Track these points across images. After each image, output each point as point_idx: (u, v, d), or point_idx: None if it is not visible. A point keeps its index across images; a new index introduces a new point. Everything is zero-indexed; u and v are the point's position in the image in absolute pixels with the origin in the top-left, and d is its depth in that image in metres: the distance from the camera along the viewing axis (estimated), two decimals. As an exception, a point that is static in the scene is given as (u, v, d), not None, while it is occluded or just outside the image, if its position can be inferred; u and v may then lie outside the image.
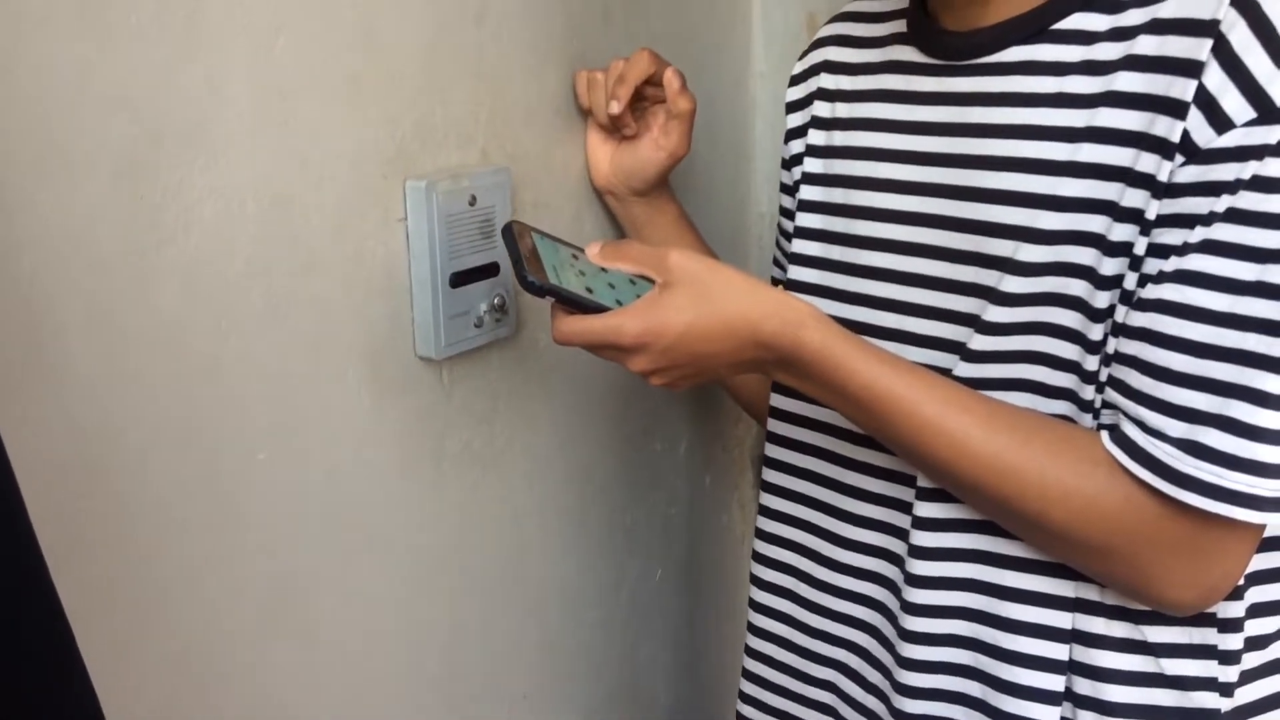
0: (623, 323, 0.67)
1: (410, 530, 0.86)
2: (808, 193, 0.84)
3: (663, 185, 0.96)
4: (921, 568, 0.74)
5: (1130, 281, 0.63)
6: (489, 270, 0.86)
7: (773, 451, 0.87)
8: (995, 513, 0.70)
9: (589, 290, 0.68)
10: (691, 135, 0.92)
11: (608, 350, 0.69)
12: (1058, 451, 0.65)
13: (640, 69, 0.88)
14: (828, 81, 0.85)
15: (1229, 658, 0.69)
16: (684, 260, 0.68)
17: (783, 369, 0.69)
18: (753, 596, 0.90)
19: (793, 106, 0.89)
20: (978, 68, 0.71)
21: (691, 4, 1.09)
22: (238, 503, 0.73)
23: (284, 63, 0.70)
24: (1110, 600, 0.69)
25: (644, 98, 0.91)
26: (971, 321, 0.71)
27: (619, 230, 1.01)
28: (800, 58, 0.90)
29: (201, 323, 0.69)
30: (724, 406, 1.23)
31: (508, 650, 0.98)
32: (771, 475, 0.87)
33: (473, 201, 0.83)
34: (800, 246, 0.84)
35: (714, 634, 1.29)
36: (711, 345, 0.67)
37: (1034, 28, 0.68)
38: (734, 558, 1.31)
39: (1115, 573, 0.66)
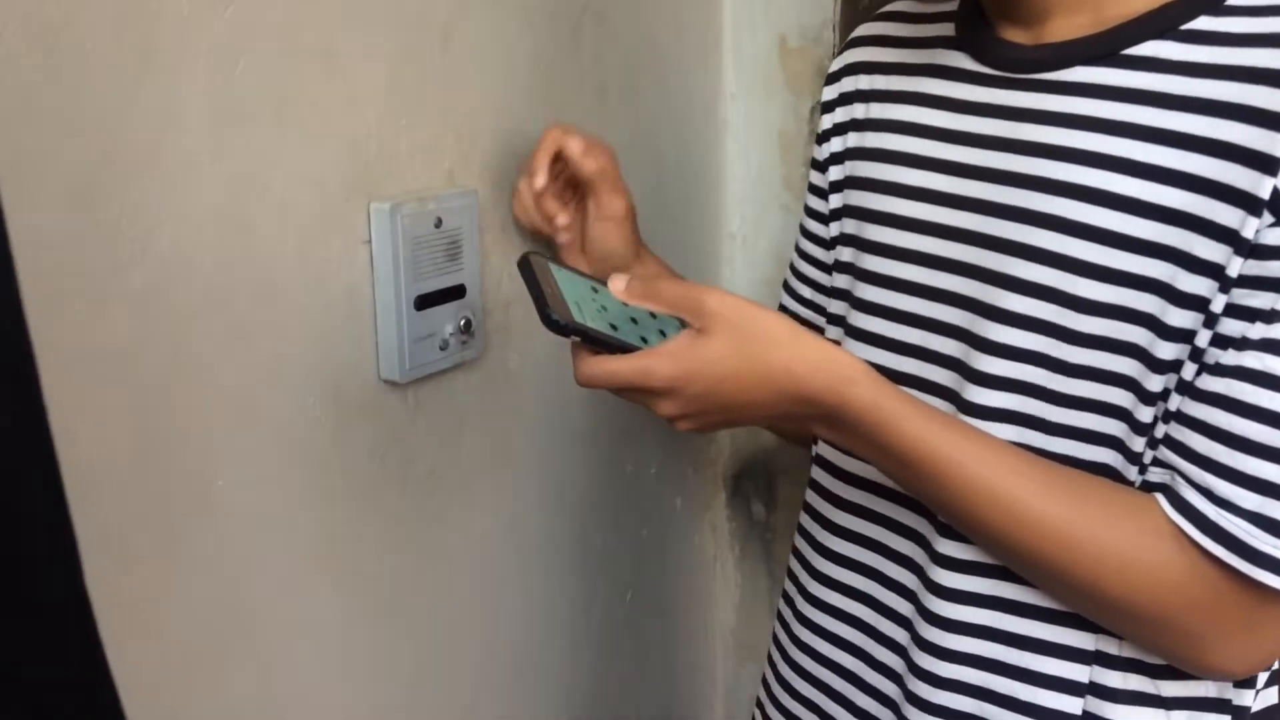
0: (653, 366, 0.63)
1: (375, 556, 0.85)
2: (838, 200, 0.82)
3: (642, 250, 0.92)
4: (938, 606, 0.71)
5: (1203, 339, 0.60)
6: (455, 292, 0.85)
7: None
8: (1045, 580, 0.66)
9: (613, 328, 0.64)
10: (622, 185, 0.88)
11: (635, 393, 0.65)
12: (1116, 519, 0.62)
13: (548, 144, 0.84)
14: (863, 83, 0.82)
15: (1241, 713, 0.67)
16: (722, 304, 0.64)
17: (824, 424, 0.66)
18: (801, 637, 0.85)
19: (825, 108, 0.86)
20: (1038, 84, 0.68)
21: (661, 26, 1.09)
22: (195, 531, 0.71)
23: (244, 86, 0.70)
24: (1127, 653, 0.67)
25: (573, 184, 0.88)
26: (1006, 349, 0.67)
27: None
28: (835, 56, 0.87)
29: (158, 348, 0.68)
30: (695, 427, 1.23)
31: (476, 674, 0.97)
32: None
33: (439, 224, 0.83)
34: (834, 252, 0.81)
35: (685, 656, 1.28)
36: (748, 395, 0.64)
37: (1104, 50, 0.65)
38: (705, 579, 1.30)
39: (1165, 641, 0.64)
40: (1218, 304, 0.60)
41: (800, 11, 1.14)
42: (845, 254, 0.80)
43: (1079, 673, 0.67)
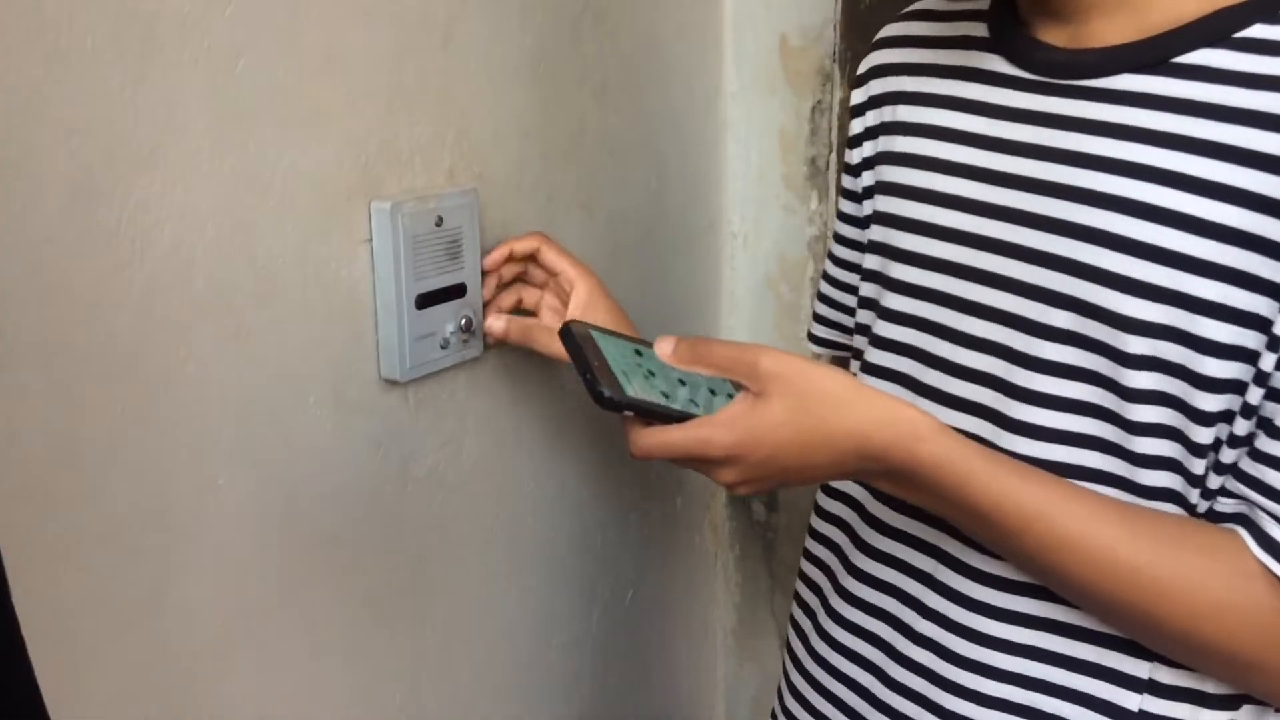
0: (711, 435, 0.61)
1: (374, 555, 0.85)
2: (869, 207, 0.79)
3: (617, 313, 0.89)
4: (982, 624, 0.69)
5: (1268, 362, 0.58)
6: (455, 291, 0.85)
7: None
8: (1133, 627, 0.64)
9: (665, 396, 0.62)
10: (567, 258, 0.87)
11: (693, 462, 0.62)
12: (1205, 563, 0.60)
13: (496, 258, 0.86)
14: (891, 85, 0.79)
15: None
16: (778, 365, 0.61)
17: (890, 479, 0.64)
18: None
19: (856, 111, 0.83)
20: (1081, 90, 0.65)
21: (662, 24, 1.09)
22: (195, 530, 0.71)
23: (244, 85, 0.70)
24: (1181, 683, 0.65)
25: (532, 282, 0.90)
26: (1053, 366, 0.64)
27: (592, 248, 1.01)
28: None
29: (159, 347, 0.68)
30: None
31: (476, 674, 0.97)
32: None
33: (439, 222, 0.83)
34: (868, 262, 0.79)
35: (686, 655, 1.28)
36: (811, 458, 0.62)
37: (1153, 57, 0.62)
38: (706, 579, 1.30)
39: (1256, 680, 0.62)
40: None
41: (801, 10, 1.14)
42: (872, 261, 0.77)
43: (1129, 699, 0.66)
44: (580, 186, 1.00)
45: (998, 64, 0.70)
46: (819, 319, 0.90)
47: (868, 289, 0.79)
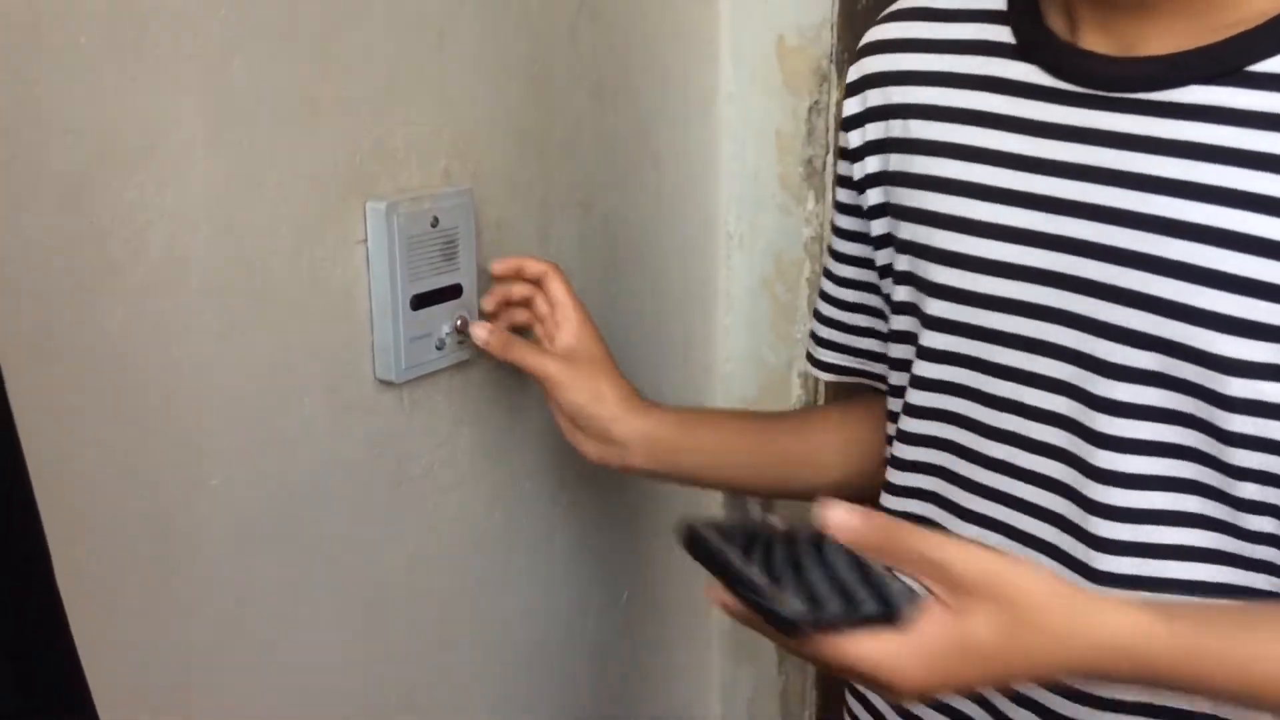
0: (906, 665, 0.51)
1: (369, 557, 0.84)
2: (881, 227, 0.73)
3: (639, 404, 0.84)
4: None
5: None
6: (451, 292, 0.85)
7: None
8: None
9: (848, 601, 0.51)
10: (572, 296, 0.84)
11: (871, 682, 0.53)
12: None
13: (504, 268, 0.84)
14: (894, 95, 0.71)
15: None
16: (980, 574, 0.52)
17: (1117, 681, 0.59)
18: None
19: (852, 122, 0.75)
20: (1143, 105, 0.58)
21: (658, 24, 1.08)
22: (189, 531, 0.71)
23: (239, 84, 0.69)
24: None
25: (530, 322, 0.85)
26: (1133, 409, 0.59)
27: (589, 248, 1.01)
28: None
29: (152, 348, 0.67)
30: (692, 427, 1.23)
31: (471, 676, 0.96)
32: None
33: (435, 223, 0.82)
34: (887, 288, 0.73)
35: (682, 656, 1.28)
36: (1013, 674, 0.55)
37: (1224, 66, 0.56)
38: (702, 579, 1.30)
39: None
40: None
41: (798, 10, 1.14)
42: (903, 294, 0.71)
43: None
44: (576, 186, 1.00)
45: (1032, 74, 0.63)
46: (823, 342, 0.84)
47: (901, 322, 0.72)
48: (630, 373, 0.88)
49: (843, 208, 0.79)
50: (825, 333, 0.84)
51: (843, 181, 0.79)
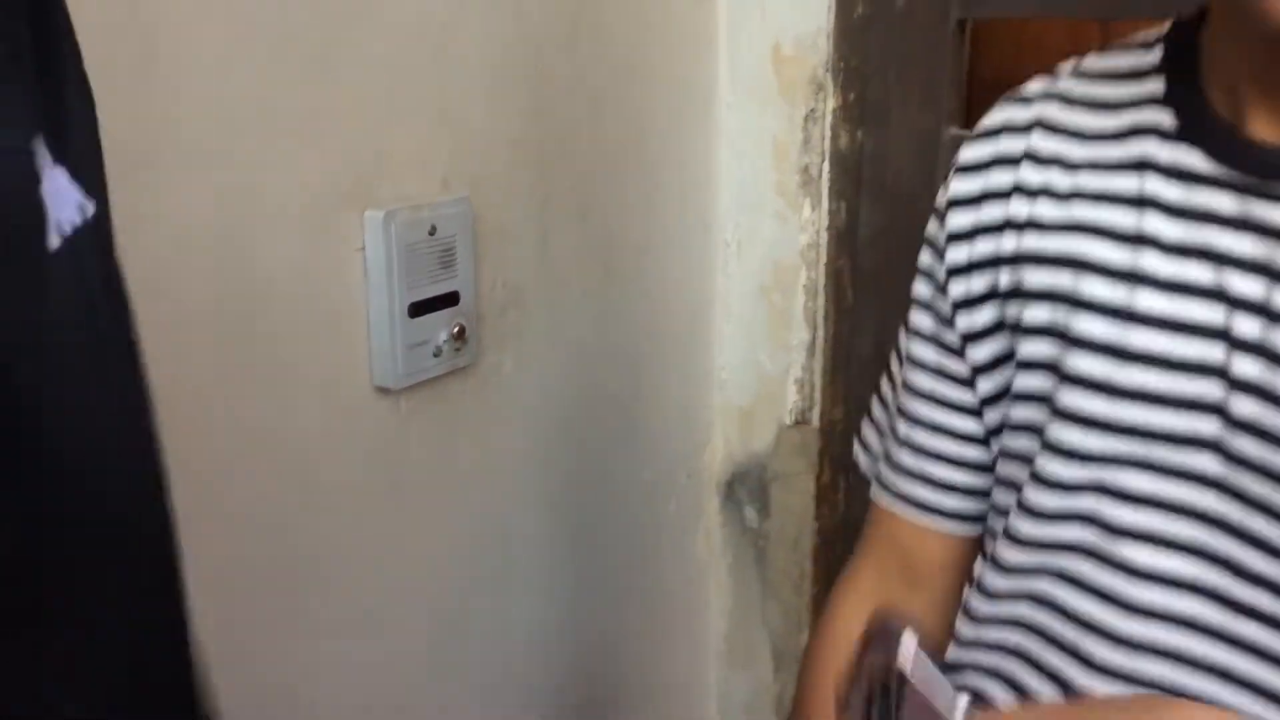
0: None
1: (366, 563, 0.85)
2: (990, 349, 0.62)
3: None
4: None
5: None
6: (449, 299, 0.85)
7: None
8: None
9: None
10: None
11: None
12: None
13: None
14: (1032, 178, 0.61)
15: None
16: None
17: None
18: None
19: (963, 203, 0.63)
20: None
21: (656, 33, 1.09)
22: (185, 537, 0.71)
23: (239, 94, 0.70)
24: None
25: None
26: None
27: (586, 255, 1.01)
28: (974, 139, 0.64)
29: (150, 355, 0.68)
30: (688, 433, 1.23)
31: (467, 681, 0.97)
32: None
33: (433, 231, 0.83)
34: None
35: (678, 662, 1.28)
36: None
37: None
38: (698, 585, 1.30)
39: None
40: None
41: (794, 19, 1.15)
42: (1022, 412, 0.61)
43: None
44: (574, 194, 1.00)
45: (1188, 156, 0.55)
46: (897, 494, 0.69)
47: (1019, 442, 0.62)
48: (628, 380, 0.88)
49: (915, 337, 0.68)
50: (904, 486, 0.69)
51: (933, 280, 0.66)
